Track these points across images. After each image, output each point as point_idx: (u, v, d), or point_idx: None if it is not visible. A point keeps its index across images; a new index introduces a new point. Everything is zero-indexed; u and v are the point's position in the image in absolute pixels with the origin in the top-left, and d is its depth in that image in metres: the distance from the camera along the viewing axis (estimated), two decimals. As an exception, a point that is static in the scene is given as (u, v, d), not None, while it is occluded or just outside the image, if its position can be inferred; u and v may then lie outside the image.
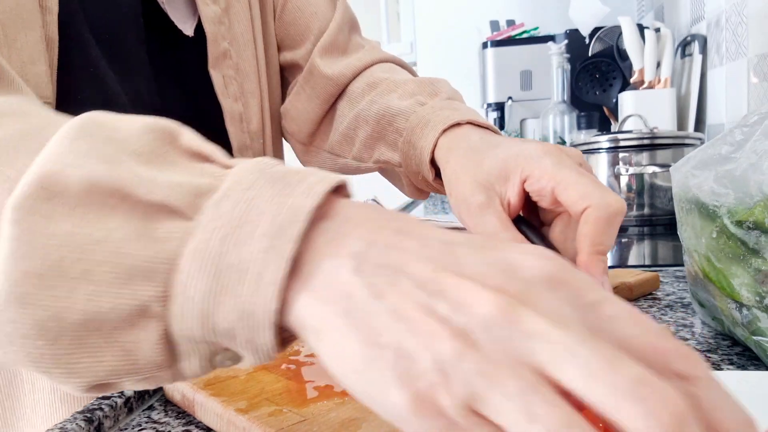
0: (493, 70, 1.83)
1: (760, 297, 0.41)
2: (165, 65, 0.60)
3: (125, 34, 0.56)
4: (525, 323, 0.20)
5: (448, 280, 0.22)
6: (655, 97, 1.41)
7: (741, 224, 0.41)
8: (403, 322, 0.21)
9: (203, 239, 0.24)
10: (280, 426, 0.35)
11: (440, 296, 0.21)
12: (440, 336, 0.20)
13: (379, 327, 0.21)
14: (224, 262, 0.23)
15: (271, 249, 0.23)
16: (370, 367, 0.21)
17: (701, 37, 1.40)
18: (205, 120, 0.64)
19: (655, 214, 1.11)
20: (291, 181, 0.25)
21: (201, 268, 0.24)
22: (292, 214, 0.23)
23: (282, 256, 0.23)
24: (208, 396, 0.39)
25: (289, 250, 0.23)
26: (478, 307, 0.21)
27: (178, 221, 0.24)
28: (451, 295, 0.21)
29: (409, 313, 0.21)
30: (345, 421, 0.35)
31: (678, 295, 0.64)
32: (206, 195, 0.25)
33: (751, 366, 0.44)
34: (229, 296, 0.23)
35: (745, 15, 1.16)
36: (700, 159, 0.47)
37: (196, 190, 0.25)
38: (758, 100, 1.12)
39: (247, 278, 0.23)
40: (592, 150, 1.16)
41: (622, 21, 1.46)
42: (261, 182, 0.25)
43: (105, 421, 0.39)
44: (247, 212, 0.24)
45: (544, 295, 0.22)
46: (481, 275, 0.22)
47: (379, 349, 0.21)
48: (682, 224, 0.50)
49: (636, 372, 0.19)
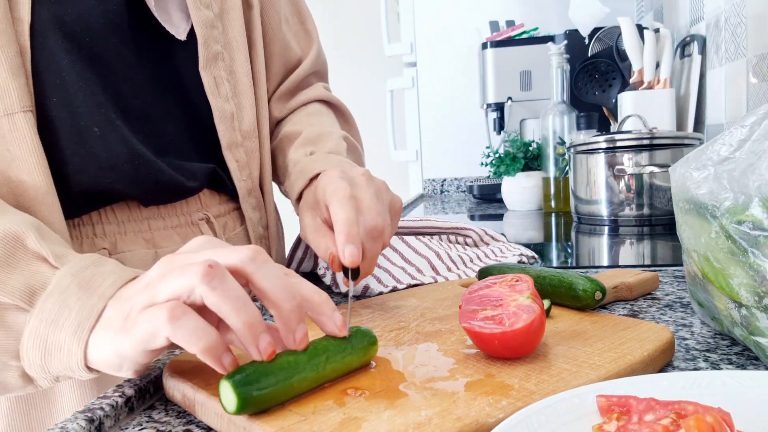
0: (492, 71, 1.84)
1: (758, 297, 0.41)
2: (156, 67, 0.61)
3: (106, 40, 0.57)
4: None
5: (162, 284, 0.39)
6: (655, 97, 1.41)
7: (740, 224, 0.41)
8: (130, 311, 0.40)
9: (35, 325, 0.41)
10: (280, 425, 0.35)
11: (152, 288, 0.39)
12: (157, 302, 0.38)
13: (130, 321, 0.39)
14: (49, 341, 0.41)
15: (74, 335, 0.40)
16: (133, 338, 0.38)
17: (700, 38, 1.40)
18: (195, 118, 0.66)
19: (654, 214, 1.11)
20: (92, 285, 0.42)
21: (34, 345, 0.41)
22: (87, 313, 0.41)
23: (81, 340, 0.40)
24: (209, 396, 0.39)
25: (85, 337, 0.40)
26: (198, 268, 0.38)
27: (20, 313, 0.42)
28: (161, 285, 0.39)
29: (136, 310, 0.39)
30: (345, 420, 0.35)
31: (677, 294, 0.64)
32: (38, 293, 0.42)
33: (750, 366, 0.44)
34: (55, 360, 0.41)
35: (744, 15, 1.16)
36: (699, 159, 0.47)
37: (31, 290, 0.42)
38: (757, 100, 1.12)
39: (63, 352, 0.41)
40: (592, 150, 1.16)
41: (622, 21, 1.46)
42: (72, 287, 0.41)
43: (106, 421, 0.39)
44: (61, 310, 0.41)
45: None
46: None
47: (131, 326, 0.39)
48: (681, 224, 0.50)
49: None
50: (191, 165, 0.64)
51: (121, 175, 0.57)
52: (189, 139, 0.65)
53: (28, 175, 0.51)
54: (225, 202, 0.70)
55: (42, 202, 0.52)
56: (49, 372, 0.42)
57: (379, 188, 0.58)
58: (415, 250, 0.77)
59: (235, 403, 0.35)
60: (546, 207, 1.46)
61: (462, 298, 0.48)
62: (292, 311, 0.39)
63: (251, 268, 0.39)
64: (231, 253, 0.39)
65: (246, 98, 0.70)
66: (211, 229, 0.66)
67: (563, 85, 1.41)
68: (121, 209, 0.59)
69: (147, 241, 0.60)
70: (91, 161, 0.56)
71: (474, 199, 1.96)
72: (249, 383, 0.36)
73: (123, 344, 0.39)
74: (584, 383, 0.38)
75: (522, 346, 0.42)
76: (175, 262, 0.40)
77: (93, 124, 0.55)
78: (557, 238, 1.14)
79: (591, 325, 0.49)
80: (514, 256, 0.82)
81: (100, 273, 0.43)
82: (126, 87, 0.59)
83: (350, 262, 0.51)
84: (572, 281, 0.55)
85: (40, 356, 0.41)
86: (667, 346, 0.45)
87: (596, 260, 0.92)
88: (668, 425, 0.29)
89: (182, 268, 0.38)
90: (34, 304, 0.41)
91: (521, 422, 0.31)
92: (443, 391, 0.38)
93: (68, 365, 0.41)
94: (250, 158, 0.70)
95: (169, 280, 0.38)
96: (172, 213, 0.63)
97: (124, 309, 0.40)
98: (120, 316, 0.40)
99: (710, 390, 0.34)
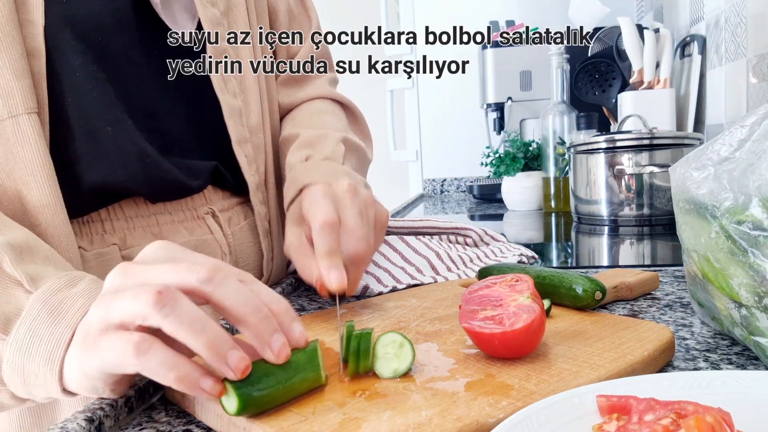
0: (492, 71, 1.84)
1: (758, 297, 0.41)
2: (162, 65, 0.62)
3: (114, 38, 0.58)
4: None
5: (127, 292, 0.37)
6: (655, 97, 1.41)
7: (740, 224, 0.41)
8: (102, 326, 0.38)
9: (11, 354, 0.41)
10: (280, 426, 0.35)
11: (113, 300, 0.38)
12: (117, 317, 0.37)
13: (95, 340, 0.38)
14: (26, 370, 0.41)
15: (46, 365, 0.40)
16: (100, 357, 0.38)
17: (700, 38, 1.40)
18: (200, 115, 0.66)
19: (654, 214, 1.11)
20: (61, 311, 0.41)
21: (13, 373, 0.41)
22: (56, 342, 0.40)
23: (54, 370, 0.40)
24: (209, 396, 0.39)
25: (57, 367, 0.40)
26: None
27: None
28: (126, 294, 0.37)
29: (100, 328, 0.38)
30: (345, 421, 0.35)
31: (677, 294, 0.64)
32: (13, 321, 0.41)
33: (750, 366, 0.44)
34: (35, 388, 0.41)
35: (744, 15, 1.16)
36: (699, 159, 0.47)
37: (6, 317, 0.41)
38: (757, 100, 1.12)
39: (40, 380, 0.41)
40: (592, 150, 1.16)
41: (622, 21, 1.46)
42: (43, 314, 0.41)
43: (106, 421, 0.39)
44: (32, 339, 0.41)
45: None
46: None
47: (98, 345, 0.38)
48: (681, 224, 0.50)
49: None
50: (195, 163, 0.64)
51: (131, 173, 0.57)
52: (194, 137, 0.65)
53: (32, 177, 0.51)
54: (228, 198, 0.70)
55: (45, 204, 0.52)
56: (35, 395, 0.42)
57: (365, 203, 0.59)
58: (415, 250, 0.77)
59: (235, 404, 0.35)
60: (546, 207, 1.46)
61: (462, 298, 0.48)
62: (261, 323, 0.37)
63: (209, 289, 0.37)
64: (186, 273, 0.37)
65: (252, 94, 0.71)
66: (216, 222, 0.66)
67: (563, 85, 1.41)
68: (128, 206, 0.60)
69: (155, 235, 0.61)
70: (102, 160, 0.56)
71: (474, 199, 1.96)
72: (249, 384, 0.36)
73: (88, 364, 0.38)
74: (584, 383, 0.38)
75: (522, 346, 0.42)
76: (129, 276, 0.39)
77: (105, 123, 0.56)
78: (557, 238, 1.14)
79: (591, 325, 0.49)
80: (514, 256, 0.82)
81: (70, 296, 0.42)
82: (133, 85, 0.59)
83: (337, 288, 0.52)
84: (572, 281, 0.55)
85: (21, 383, 0.41)
86: (667, 346, 0.45)
87: (596, 260, 0.92)
88: (668, 425, 0.29)
89: (134, 292, 0.36)
90: (9, 332, 0.41)
91: (521, 422, 0.31)
92: (443, 391, 0.38)
93: (47, 392, 0.41)
94: (257, 153, 0.71)
95: (121, 300, 0.37)
96: (178, 208, 0.63)
97: (84, 329, 0.39)
98: (83, 336, 0.39)
99: (710, 390, 0.34)
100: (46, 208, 0.52)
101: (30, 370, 0.41)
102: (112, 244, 0.58)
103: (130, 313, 0.36)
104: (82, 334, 0.39)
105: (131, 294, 0.36)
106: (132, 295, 0.36)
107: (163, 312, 0.35)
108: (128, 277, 0.39)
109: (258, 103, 0.71)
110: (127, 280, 0.38)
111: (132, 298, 0.36)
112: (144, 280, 0.38)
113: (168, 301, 0.35)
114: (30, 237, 0.47)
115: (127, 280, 0.38)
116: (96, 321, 0.38)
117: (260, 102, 0.72)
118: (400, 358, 0.41)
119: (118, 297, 0.37)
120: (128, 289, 0.37)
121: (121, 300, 0.37)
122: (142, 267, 0.39)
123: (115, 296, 0.38)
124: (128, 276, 0.39)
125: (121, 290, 0.38)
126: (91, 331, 0.38)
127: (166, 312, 0.35)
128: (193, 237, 0.63)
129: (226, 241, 0.67)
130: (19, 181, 0.51)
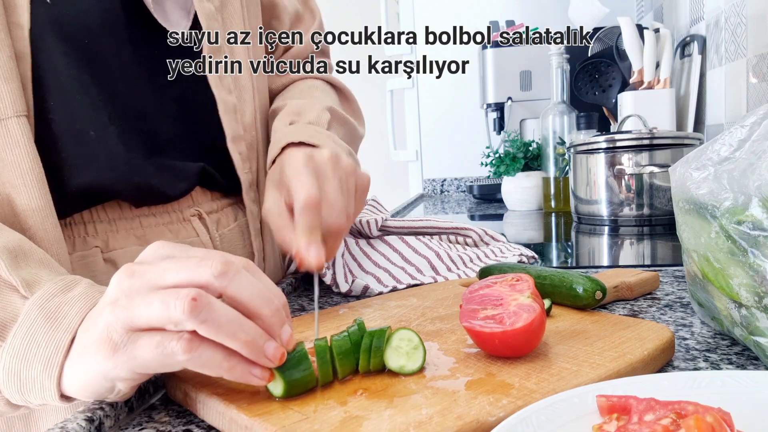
0: (492, 71, 1.84)
1: (758, 297, 0.41)
2: (153, 64, 0.62)
3: (102, 39, 0.57)
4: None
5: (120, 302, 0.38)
6: (655, 97, 1.41)
7: (740, 224, 0.41)
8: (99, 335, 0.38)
9: (7, 361, 0.40)
10: (281, 424, 0.35)
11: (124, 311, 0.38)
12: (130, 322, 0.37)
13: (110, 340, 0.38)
14: (22, 376, 0.40)
15: (44, 371, 0.40)
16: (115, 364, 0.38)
17: (700, 38, 1.40)
18: (192, 114, 0.66)
19: (654, 214, 1.11)
20: (59, 316, 0.40)
21: (10, 380, 0.40)
22: (54, 348, 0.40)
23: (52, 376, 0.40)
24: (210, 394, 0.39)
25: (55, 373, 0.40)
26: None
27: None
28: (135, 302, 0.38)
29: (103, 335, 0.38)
30: (346, 419, 0.35)
31: (677, 294, 0.64)
32: (9, 327, 0.41)
33: (750, 366, 0.44)
34: (31, 395, 0.41)
35: (744, 15, 1.16)
36: (699, 159, 0.47)
37: (2, 323, 0.41)
38: (757, 100, 1.12)
39: (37, 387, 0.40)
40: (592, 150, 1.16)
41: (622, 21, 1.46)
42: (39, 319, 0.40)
43: (106, 421, 0.39)
44: (29, 345, 0.40)
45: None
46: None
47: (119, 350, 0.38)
48: (681, 224, 0.50)
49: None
50: (182, 165, 0.63)
51: (118, 176, 0.57)
52: (185, 137, 0.65)
53: (21, 180, 0.51)
54: (217, 199, 0.69)
55: (35, 208, 0.51)
56: (31, 402, 0.42)
57: (346, 172, 0.59)
58: (415, 250, 0.77)
59: (281, 387, 0.38)
60: (546, 207, 1.46)
61: (462, 297, 0.48)
62: (273, 315, 0.39)
63: (224, 283, 0.38)
64: (199, 269, 0.38)
65: (246, 91, 0.70)
66: (203, 224, 0.65)
67: (563, 85, 1.41)
68: (112, 208, 0.59)
69: (139, 238, 0.60)
70: (89, 162, 0.55)
71: (474, 199, 1.96)
72: (291, 367, 0.38)
73: (113, 366, 0.38)
74: (585, 382, 0.38)
75: (522, 345, 0.42)
76: (137, 277, 0.38)
77: (89, 126, 0.55)
78: (557, 238, 1.14)
79: (591, 325, 0.49)
80: (514, 256, 0.82)
81: (66, 301, 0.41)
82: (122, 87, 0.59)
83: (316, 265, 0.53)
84: (572, 281, 0.55)
85: (17, 390, 0.41)
86: (667, 346, 0.45)
87: (596, 260, 0.92)
88: (668, 425, 0.29)
89: (163, 299, 0.36)
90: (5, 339, 0.41)
91: (521, 422, 0.31)
92: (444, 390, 0.38)
93: (44, 399, 0.41)
94: (250, 151, 0.70)
95: (148, 308, 0.36)
96: (163, 211, 0.63)
97: (100, 333, 0.38)
98: (98, 339, 0.38)
99: (710, 390, 0.35)
100: (36, 212, 0.52)
101: (27, 377, 0.40)
102: (94, 246, 0.57)
103: (160, 319, 0.36)
104: (101, 339, 0.38)
105: (160, 300, 0.36)
106: (162, 301, 0.36)
107: (200, 318, 0.36)
108: (137, 278, 0.38)
109: (252, 101, 0.71)
110: (137, 281, 0.38)
111: (162, 304, 0.36)
112: (154, 280, 0.38)
113: (204, 307, 0.36)
114: (23, 241, 0.47)
115: (136, 282, 0.38)
116: (119, 325, 0.37)
117: (254, 99, 0.72)
118: (410, 358, 0.41)
119: (142, 303, 0.37)
120: (149, 293, 0.37)
121: (148, 307, 0.36)
122: (149, 267, 0.39)
123: (133, 301, 0.37)
124: (136, 277, 0.38)
125: (136, 294, 0.37)
126: (114, 335, 0.37)
127: (203, 318, 0.36)
128: (178, 239, 0.63)
129: (213, 243, 0.66)
130: (8, 184, 0.51)
